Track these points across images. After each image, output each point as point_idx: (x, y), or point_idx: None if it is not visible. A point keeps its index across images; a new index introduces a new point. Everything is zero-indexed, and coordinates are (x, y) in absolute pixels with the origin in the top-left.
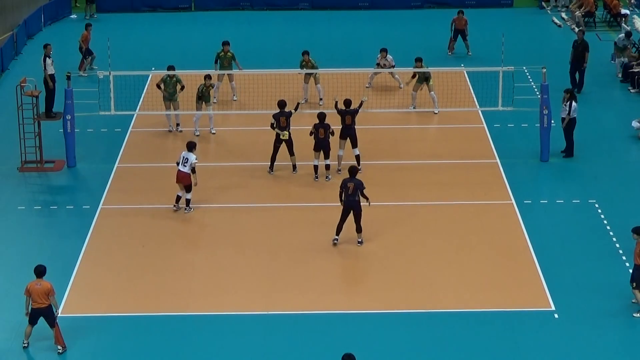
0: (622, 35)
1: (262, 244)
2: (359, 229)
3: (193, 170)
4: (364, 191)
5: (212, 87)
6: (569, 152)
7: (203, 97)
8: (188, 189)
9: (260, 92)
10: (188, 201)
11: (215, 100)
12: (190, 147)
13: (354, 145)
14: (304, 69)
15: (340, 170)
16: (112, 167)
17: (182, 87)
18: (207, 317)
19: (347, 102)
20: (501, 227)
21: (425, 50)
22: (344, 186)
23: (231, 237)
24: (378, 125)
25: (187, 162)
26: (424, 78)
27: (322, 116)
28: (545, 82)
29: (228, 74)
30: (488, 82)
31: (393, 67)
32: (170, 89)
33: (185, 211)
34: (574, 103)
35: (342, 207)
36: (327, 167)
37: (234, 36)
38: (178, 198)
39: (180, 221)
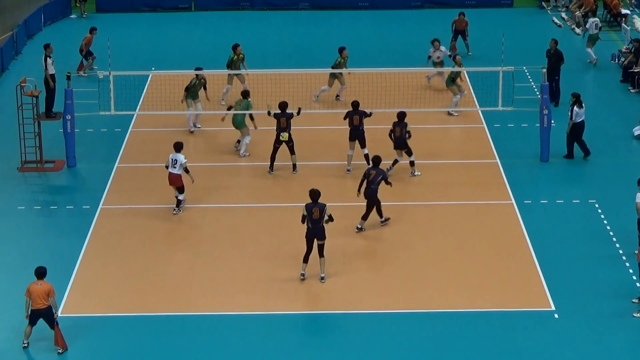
0: (594, 20)
1: (262, 244)
2: (365, 217)
3: (186, 170)
4: (388, 179)
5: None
6: (569, 155)
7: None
8: (180, 190)
9: (261, 92)
10: (179, 202)
11: (223, 103)
12: (178, 147)
13: (363, 145)
14: (338, 68)
15: (349, 170)
16: (112, 167)
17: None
18: (206, 317)
19: (355, 104)
20: (501, 227)
21: (425, 51)
22: (367, 174)
23: (231, 237)
24: (378, 125)
25: (176, 164)
26: (452, 79)
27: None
28: (545, 82)
29: (238, 76)
30: (488, 82)
31: (444, 59)
32: (194, 92)
33: (174, 212)
34: (575, 108)
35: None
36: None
37: (234, 36)
38: (178, 201)
39: (180, 221)
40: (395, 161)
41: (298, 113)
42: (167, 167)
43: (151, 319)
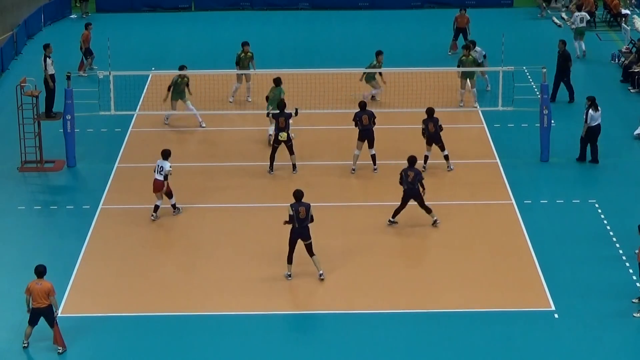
0: (580, 14)
1: (262, 244)
2: (428, 211)
3: (166, 177)
4: (422, 181)
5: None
6: (581, 157)
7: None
8: (169, 195)
9: (262, 92)
10: (174, 205)
11: (231, 101)
12: (165, 155)
13: (371, 146)
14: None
15: (354, 170)
16: (112, 167)
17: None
18: (206, 317)
19: (362, 104)
20: (501, 227)
21: (425, 50)
22: (404, 174)
23: (231, 237)
24: (379, 125)
25: (162, 171)
26: (468, 74)
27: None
28: (545, 82)
29: (245, 75)
30: (488, 82)
31: (485, 56)
32: (178, 91)
33: (174, 214)
34: (590, 111)
35: (402, 194)
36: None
37: (234, 36)
38: (156, 208)
39: (180, 221)
40: (426, 157)
41: (296, 114)
42: (154, 171)
43: (151, 319)
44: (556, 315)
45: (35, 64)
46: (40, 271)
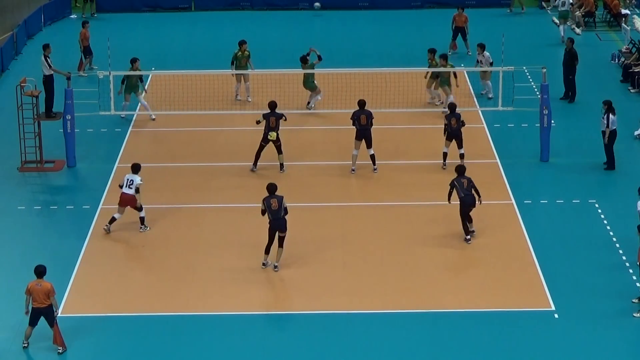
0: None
1: (262, 244)
2: (470, 220)
3: (137, 190)
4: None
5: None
6: (610, 165)
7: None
8: (138, 209)
9: (261, 92)
10: (142, 219)
11: (239, 98)
12: (136, 169)
13: (369, 145)
14: (440, 74)
15: (354, 170)
16: (112, 167)
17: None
18: (207, 317)
19: (361, 103)
20: (501, 227)
21: (425, 50)
22: (458, 183)
23: (230, 237)
24: (379, 125)
25: (132, 184)
26: (437, 74)
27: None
28: (545, 82)
29: (243, 75)
30: (491, 89)
31: (491, 63)
32: (131, 85)
33: (141, 230)
34: (611, 116)
35: (460, 205)
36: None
37: (234, 36)
38: (112, 220)
39: (179, 221)
40: (445, 155)
41: (284, 119)
42: (120, 186)
43: (151, 319)
44: (556, 315)
45: (35, 64)
46: (40, 271)
